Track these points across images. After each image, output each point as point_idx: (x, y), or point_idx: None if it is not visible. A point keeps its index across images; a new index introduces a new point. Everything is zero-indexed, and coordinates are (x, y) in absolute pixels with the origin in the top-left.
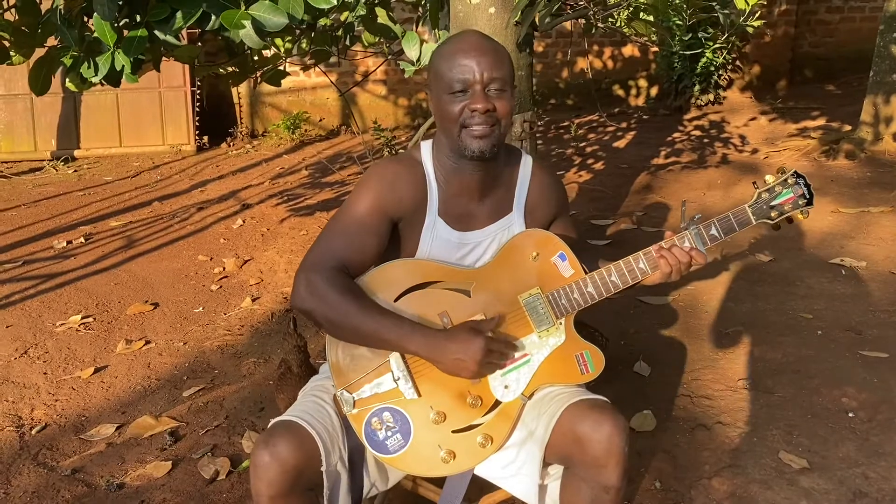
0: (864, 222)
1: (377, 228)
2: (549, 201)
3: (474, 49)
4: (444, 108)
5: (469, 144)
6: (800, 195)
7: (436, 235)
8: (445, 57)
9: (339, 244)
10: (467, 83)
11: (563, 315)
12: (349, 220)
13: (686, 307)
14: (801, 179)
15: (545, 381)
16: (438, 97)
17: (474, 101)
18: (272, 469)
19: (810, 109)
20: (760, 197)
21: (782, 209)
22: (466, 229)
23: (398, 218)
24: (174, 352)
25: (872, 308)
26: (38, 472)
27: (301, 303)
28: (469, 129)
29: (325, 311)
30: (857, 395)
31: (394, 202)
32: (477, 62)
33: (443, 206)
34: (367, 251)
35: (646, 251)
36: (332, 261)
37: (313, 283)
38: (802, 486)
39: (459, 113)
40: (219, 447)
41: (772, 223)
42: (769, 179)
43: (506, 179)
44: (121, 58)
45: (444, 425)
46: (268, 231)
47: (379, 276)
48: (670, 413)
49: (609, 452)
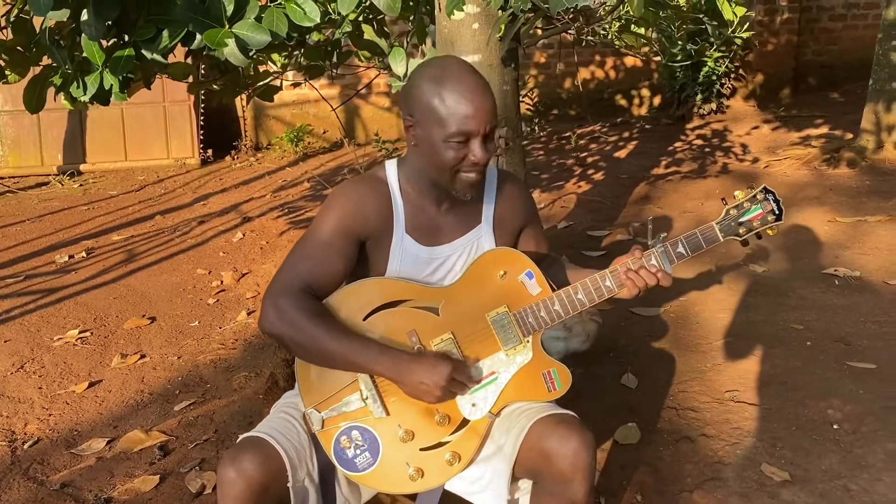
0: (861, 231)
1: (343, 250)
2: (517, 211)
3: (474, 97)
4: (439, 150)
5: (460, 188)
6: (769, 211)
7: (404, 252)
8: (443, 96)
9: (305, 267)
10: (468, 134)
11: (530, 333)
12: (315, 243)
13: (677, 318)
14: (771, 195)
15: (512, 399)
16: (431, 136)
17: (475, 154)
18: (237, 485)
19: (814, 118)
20: (729, 213)
21: (751, 225)
22: (435, 244)
23: (365, 237)
24: (168, 366)
25: (863, 319)
26: (27, 487)
27: (270, 327)
28: (465, 174)
29: (293, 335)
30: (843, 406)
31: (359, 222)
32: (477, 112)
33: (409, 221)
34: (333, 273)
35: (612, 269)
36: (300, 284)
37: (281, 307)
38: (783, 499)
39: (458, 160)
40: (207, 461)
41: (740, 239)
42: (738, 195)
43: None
44: (109, 77)
45: (412, 443)
46: (267, 244)
47: (348, 295)
48: (655, 425)
49: (575, 467)
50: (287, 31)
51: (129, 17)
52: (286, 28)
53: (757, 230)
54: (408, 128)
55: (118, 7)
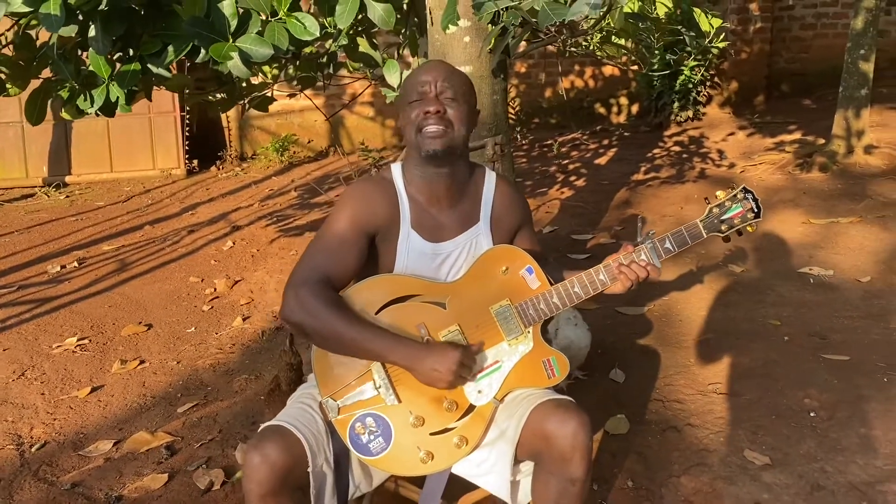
0: (834, 233)
1: (356, 243)
2: (512, 212)
3: (432, 68)
4: (405, 115)
5: (424, 144)
6: (748, 209)
7: (411, 247)
8: (409, 78)
9: (322, 260)
10: (423, 93)
11: (531, 324)
12: (330, 238)
13: (661, 317)
14: (750, 195)
15: (515, 386)
16: (404, 111)
17: (426, 105)
18: (262, 470)
19: (787, 124)
20: (711, 212)
21: (732, 223)
22: (438, 240)
23: (374, 232)
24: (168, 370)
25: (837, 314)
26: (38, 487)
27: (291, 316)
28: (425, 129)
29: (313, 323)
30: (819, 395)
31: (369, 217)
32: (432, 76)
33: (415, 218)
34: (348, 265)
35: (605, 265)
36: (318, 276)
37: (301, 297)
38: (765, 482)
39: (416, 117)
40: (213, 459)
41: (722, 236)
42: (720, 195)
43: (472, 193)
44: (115, 90)
45: (422, 428)
46: (257, 252)
47: (362, 290)
48: (643, 417)
49: (574, 447)
50: (287, 45)
51: (135, 32)
52: (287, 42)
53: (738, 227)
54: (398, 120)
55: (125, 23)
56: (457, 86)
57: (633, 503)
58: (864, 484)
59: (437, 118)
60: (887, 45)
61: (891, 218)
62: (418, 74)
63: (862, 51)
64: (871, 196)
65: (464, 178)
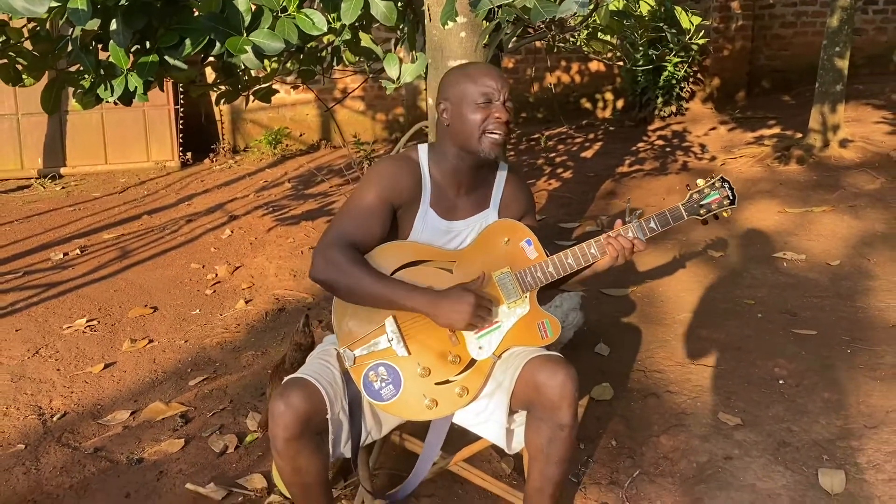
0: (807, 221)
1: (381, 214)
2: (518, 202)
3: (495, 73)
4: (468, 116)
5: (486, 148)
6: (725, 196)
7: (427, 222)
8: (471, 78)
9: (349, 226)
10: (491, 97)
11: (528, 290)
12: (357, 207)
13: (643, 297)
14: (727, 183)
15: (512, 344)
16: (462, 108)
17: (499, 112)
18: (287, 416)
19: (767, 119)
20: (692, 197)
21: (710, 207)
22: (452, 219)
23: (398, 206)
24: (177, 348)
25: (807, 294)
26: (63, 452)
27: (318, 274)
28: (490, 134)
29: (340, 278)
30: (788, 365)
31: (395, 192)
32: (497, 80)
33: (434, 198)
34: (372, 233)
35: (596, 239)
36: (344, 239)
37: (329, 256)
38: (736, 439)
39: (482, 120)
40: (226, 426)
41: (700, 219)
42: (700, 183)
43: (486, 181)
44: (133, 80)
45: (428, 378)
46: (256, 240)
47: (379, 253)
48: (626, 385)
49: (562, 396)
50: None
51: (153, 26)
52: (297, 36)
53: (715, 212)
54: (443, 112)
55: (145, 18)
56: (508, 90)
57: (616, 460)
58: (825, 441)
59: (504, 126)
60: (864, 44)
61: (861, 207)
62: (483, 77)
63: (837, 48)
64: (844, 187)
65: (482, 171)
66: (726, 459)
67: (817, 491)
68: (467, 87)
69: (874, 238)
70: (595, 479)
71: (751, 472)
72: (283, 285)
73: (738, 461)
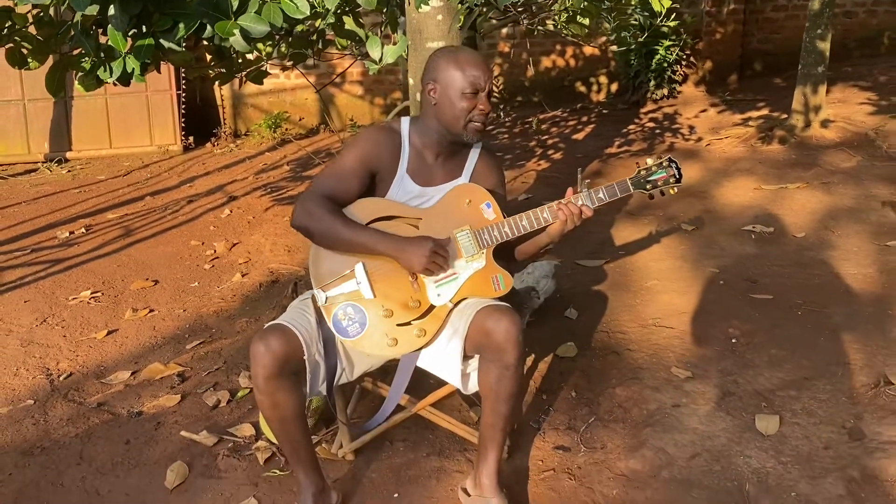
0: (781, 196)
1: (360, 174)
2: (489, 175)
3: (478, 64)
4: (456, 103)
5: (468, 135)
6: (671, 175)
7: (402, 187)
8: (461, 66)
9: (330, 182)
10: (478, 88)
11: (485, 247)
12: (340, 167)
13: (615, 268)
14: (674, 164)
15: (468, 294)
16: (449, 93)
17: (483, 104)
18: (266, 357)
19: (757, 101)
20: (640, 174)
21: (656, 184)
22: (426, 185)
23: (376, 170)
24: (176, 317)
25: (770, 263)
26: (69, 406)
27: (297, 221)
28: (474, 123)
29: (316, 224)
30: (741, 325)
31: (374, 158)
32: (483, 73)
33: (411, 166)
34: (350, 191)
35: (549, 205)
36: (323, 192)
37: (307, 206)
38: (685, 390)
39: (467, 110)
40: (219, 384)
41: (646, 193)
42: (649, 161)
43: (459, 154)
44: (131, 62)
45: (391, 319)
46: (253, 219)
47: (355, 207)
48: (589, 344)
49: (507, 339)
50: (281, 22)
51: (148, 11)
52: (281, 20)
53: (661, 188)
54: (430, 91)
55: (141, 3)
56: (492, 80)
57: (574, 409)
58: (766, 391)
59: (485, 116)
60: (854, 26)
61: (834, 184)
62: (468, 67)
63: (819, 30)
64: (821, 165)
65: (461, 143)
66: (674, 407)
67: (753, 433)
68: (457, 74)
69: (841, 212)
70: (554, 426)
71: (695, 417)
72: (278, 259)
73: (684, 409)
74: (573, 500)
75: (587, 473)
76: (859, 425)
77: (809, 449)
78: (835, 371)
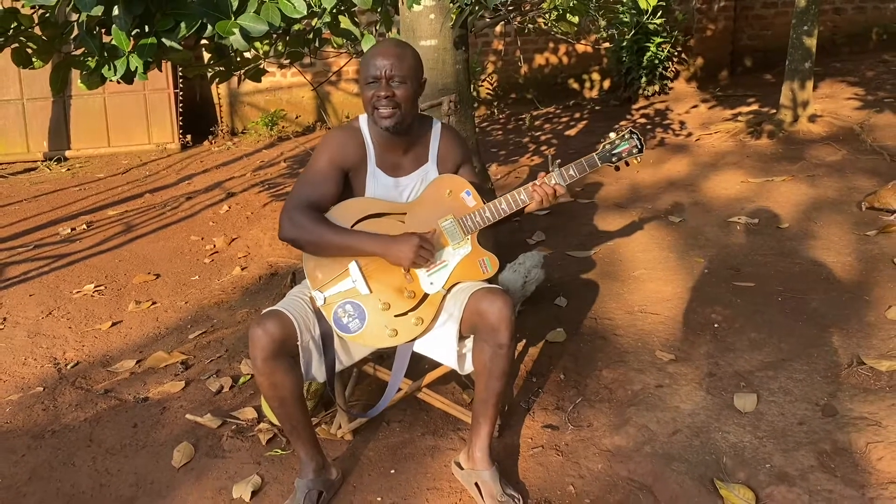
0: (766, 189)
1: (333, 177)
2: (454, 153)
3: (383, 52)
4: (363, 94)
5: (379, 122)
6: (634, 146)
7: (377, 181)
8: (366, 57)
9: (307, 190)
10: (376, 77)
11: (469, 232)
12: (313, 174)
13: (604, 258)
14: (635, 135)
15: (458, 279)
16: (361, 87)
17: (379, 90)
18: (263, 339)
19: (747, 97)
20: (605, 147)
21: (620, 156)
22: (398, 175)
23: (347, 169)
24: (178, 309)
25: (753, 252)
26: (77, 393)
27: (286, 234)
28: (378, 110)
29: (304, 235)
30: (723, 311)
31: (342, 158)
32: (383, 62)
33: (378, 159)
34: (327, 194)
35: (525, 187)
36: (304, 202)
37: (293, 218)
38: (668, 371)
39: (371, 98)
40: (222, 371)
41: (612, 165)
42: (612, 136)
43: (423, 139)
44: (134, 60)
45: (389, 311)
46: (252, 214)
47: (340, 209)
48: (578, 330)
49: (500, 319)
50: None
51: (151, 11)
52: (279, 19)
53: (625, 159)
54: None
55: (144, 4)
56: (405, 68)
57: (563, 390)
58: (746, 372)
59: (388, 101)
60: (843, 23)
61: (819, 177)
62: (373, 57)
63: (805, 27)
64: (807, 159)
65: (416, 131)
66: (657, 387)
67: (731, 410)
68: (364, 65)
69: (824, 204)
70: (543, 406)
71: (677, 397)
72: (277, 254)
73: (667, 389)
74: (560, 474)
75: (574, 450)
76: (832, 402)
77: (784, 425)
78: (811, 353)
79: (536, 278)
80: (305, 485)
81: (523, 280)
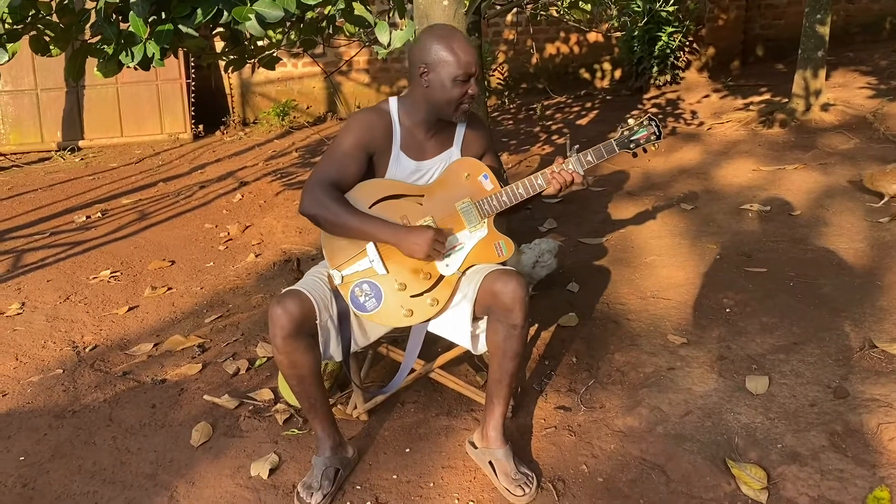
0: (778, 177)
1: (358, 158)
2: (478, 140)
3: (467, 50)
4: (449, 89)
5: (457, 118)
6: (652, 132)
7: (399, 164)
8: (454, 53)
9: (331, 169)
10: (470, 75)
11: (486, 216)
12: (338, 153)
13: (616, 244)
14: (654, 122)
15: (474, 262)
16: (442, 78)
17: (473, 89)
18: (283, 318)
19: (759, 86)
20: (623, 133)
21: (639, 142)
22: (421, 159)
23: (372, 151)
24: (193, 294)
25: (765, 238)
26: (96, 375)
27: (306, 209)
28: (464, 105)
29: (323, 213)
30: (735, 296)
31: (369, 139)
32: (474, 59)
33: (404, 143)
34: (351, 174)
35: (542, 172)
36: (328, 180)
37: (314, 195)
38: (680, 355)
39: (459, 96)
40: (238, 354)
41: (630, 151)
42: (631, 122)
43: (449, 125)
44: (151, 47)
45: (405, 292)
46: (265, 203)
47: (360, 190)
48: (590, 315)
49: (514, 300)
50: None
51: None
52: (294, 6)
53: (643, 145)
54: (421, 74)
55: None
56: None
57: (575, 373)
58: (757, 355)
59: (473, 99)
60: (857, 12)
61: (831, 164)
62: (464, 53)
63: (818, 15)
64: (819, 147)
65: None
66: (669, 370)
67: (743, 392)
68: (451, 60)
69: (837, 191)
70: (555, 388)
71: (689, 379)
72: (290, 241)
73: (679, 371)
74: (573, 454)
75: (586, 430)
76: (844, 385)
77: (796, 406)
78: (823, 337)
79: (549, 264)
80: (323, 462)
81: (535, 261)
